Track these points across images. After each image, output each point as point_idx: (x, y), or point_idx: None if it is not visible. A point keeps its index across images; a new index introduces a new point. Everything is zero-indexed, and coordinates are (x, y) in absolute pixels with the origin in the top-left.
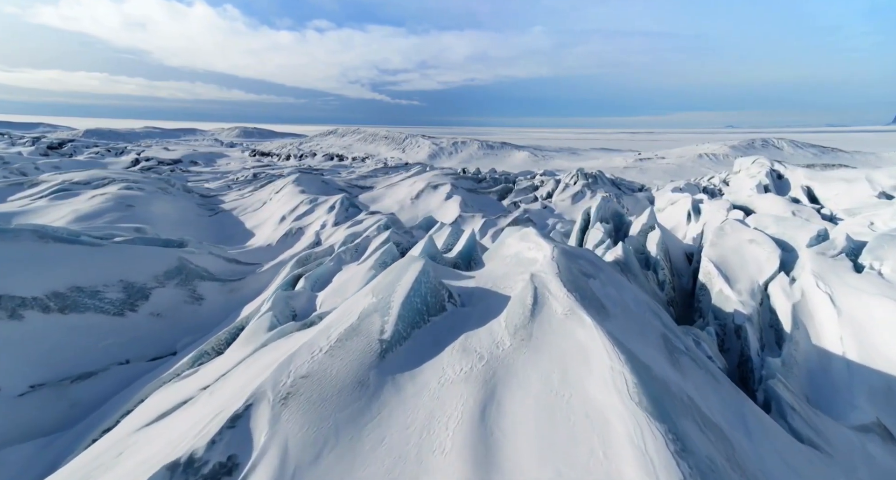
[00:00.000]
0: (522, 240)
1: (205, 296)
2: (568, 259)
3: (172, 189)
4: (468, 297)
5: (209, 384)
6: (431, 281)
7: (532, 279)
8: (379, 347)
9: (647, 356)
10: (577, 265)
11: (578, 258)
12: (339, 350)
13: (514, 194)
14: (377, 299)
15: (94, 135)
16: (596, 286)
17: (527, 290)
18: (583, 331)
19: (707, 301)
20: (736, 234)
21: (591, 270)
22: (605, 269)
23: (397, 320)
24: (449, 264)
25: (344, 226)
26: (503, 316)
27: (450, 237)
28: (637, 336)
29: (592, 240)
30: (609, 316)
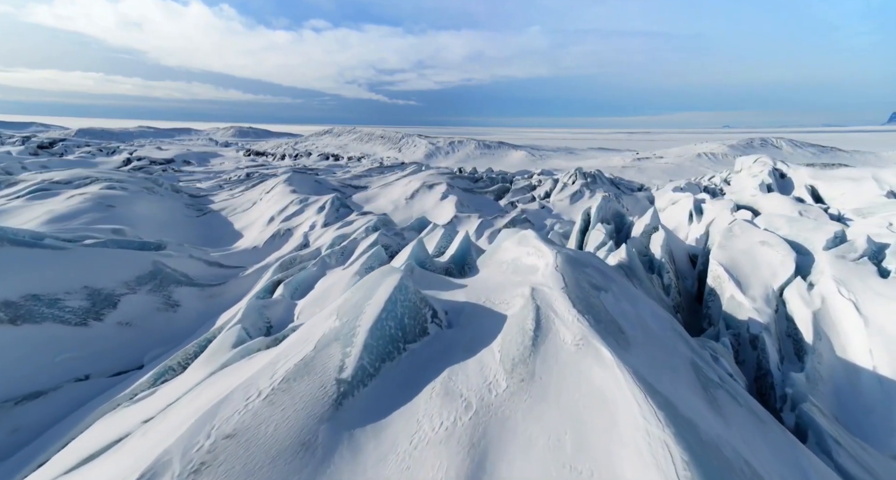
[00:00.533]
0: (521, 243)
1: (181, 303)
2: (574, 268)
3: (160, 189)
4: (456, 315)
5: (152, 416)
6: (411, 299)
7: (533, 295)
8: (335, 390)
9: (685, 402)
10: (584, 275)
11: (585, 266)
12: (283, 395)
13: (511, 194)
14: (340, 323)
15: (87, 134)
16: (609, 301)
17: (527, 310)
18: (602, 371)
19: (717, 307)
20: (746, 236)
21: (601, 281)
22: (616, 279)
23: (363, 352)
24: (441, 269)
25: (333, 226)
26: (498, 345)
27: (442, 239)
28: (666, 370)
29: (593, 241)
30: (630, 343)
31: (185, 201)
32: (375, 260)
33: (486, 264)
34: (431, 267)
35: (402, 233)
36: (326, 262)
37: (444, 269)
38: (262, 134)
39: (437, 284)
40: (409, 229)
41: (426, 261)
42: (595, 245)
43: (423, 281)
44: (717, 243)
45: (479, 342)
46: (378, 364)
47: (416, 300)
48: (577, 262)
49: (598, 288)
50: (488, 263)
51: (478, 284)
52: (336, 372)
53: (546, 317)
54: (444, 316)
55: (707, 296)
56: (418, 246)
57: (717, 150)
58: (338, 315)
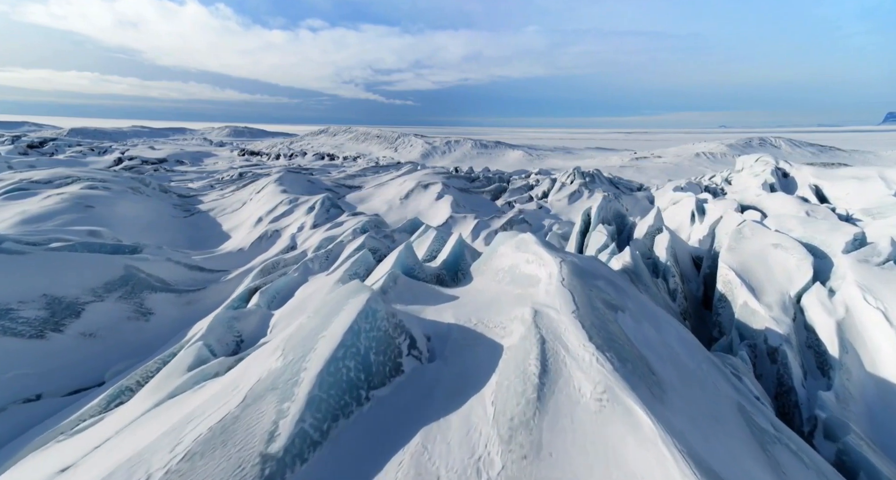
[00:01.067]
0: (519, 248)
1: (154, 311)
2: (583, 281)
3: (147, 188)
4: (441, 342)
5: (72, 464)
6: (380, 326)
7: (536, 321)
8: (257, 473)
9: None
10: (596, 290)
11: (595, 277)
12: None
13: (508, 194)
14: (283, 363)
15: (80, 133)
16: (628, 325)
17: (529, 343)
18: (638, 446)
19: (728, 314)
20: (758, 238)
21: (615, 297)
22: (630, 292)
23: (304, 410)
24: (431, 276)
25: (323, 228)
26: (491, 394)
27: (434, 242)
28: (712, 423)
29: (594, 243)
30: (664, 390)
31: (173, 201)
32: (361, 265)
33: (481, 271)
34: (421, 274)
35: (392, 236)
36: (309, 267)
37: (436, 276)
38: (257, 133)
39: (423, 296)
40: (401, 231)
41: (415, 268)
42: (596, 247)
43: (406, 293)
44: (726, 246)
45: (467, 385)
46: (327, 425)
47: (387, 328)
48: (585, 273)
49: (614, 307)
50: (483, 270)
51: (470, 298)
52: (263, 443)
53: (554, 355)
54: (424, 344)
55: (717, 303)
56: (405, 252)
57: (715, 150)
58: (283, 351)
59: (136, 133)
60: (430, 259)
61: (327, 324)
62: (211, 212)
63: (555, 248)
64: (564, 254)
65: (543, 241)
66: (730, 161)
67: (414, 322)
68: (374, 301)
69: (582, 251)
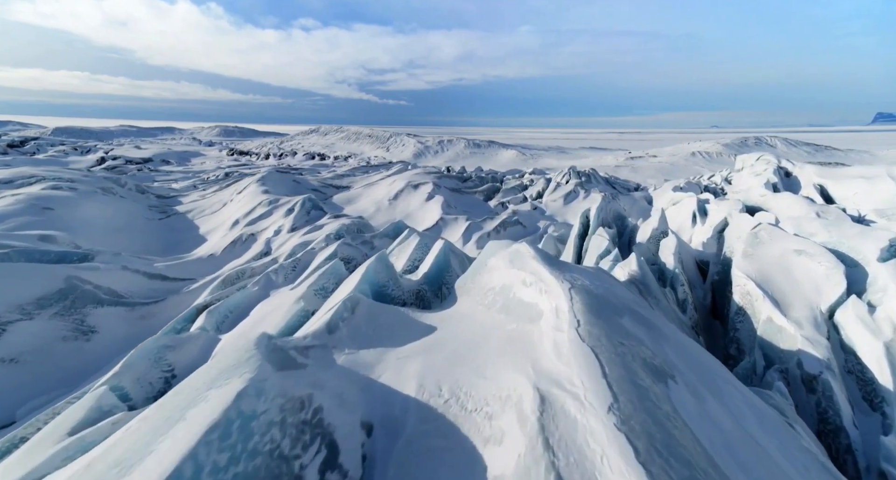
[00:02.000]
0: (514, 264)
1: (98, 328)
2: (606, 322)
3: (121, 189)
4: (388, 440)
5: None
6: (263, 440)
7: (542, 423)
8: None
9: None
10: (628, 341)
11: (618, 310)
12: None
13: (501, 194)
14: None
15: (65, 133)
16: (689, 409)
17: (533, 475)
18: None
19: (747, 330)
20: (777, 243)
21: (653, 348)
22: (665, 330)
23: None
24: (410, 292)
25: (301, 231)
26: None
27: (417, 250)
28: None
29: (595, 248)
30: None
31: (150, 202)
32: (330, 277)
33: (468, 289)
34: (395, 291)
35: (372, 241)
36: (271, 280)
37: (415, 293)
38: (247, 133)
39: (387, 332)
40: (383, 236)
41: (387, 285)
42: (597, 253)
43: (366, 326)
44: (741, 251)
45: None
46: None
47: (278, 439)
48: (604, 306)
49: (661, 373)
50: (470, 289)
51: (449, 332)
52: None
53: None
54: (355, 454)
55: (734, 316)
56: (375, 266)
57: (711, 149)
58: None
59: (124, 132)
60: (412, 269)
61: (154, 443)
62: (189, 213)
63: (556, 263)
64: (570, 273)
65: (542, 254)
66: (726, 160)
67: (349, 404)
68: (253, 392)
69: (581, 256)
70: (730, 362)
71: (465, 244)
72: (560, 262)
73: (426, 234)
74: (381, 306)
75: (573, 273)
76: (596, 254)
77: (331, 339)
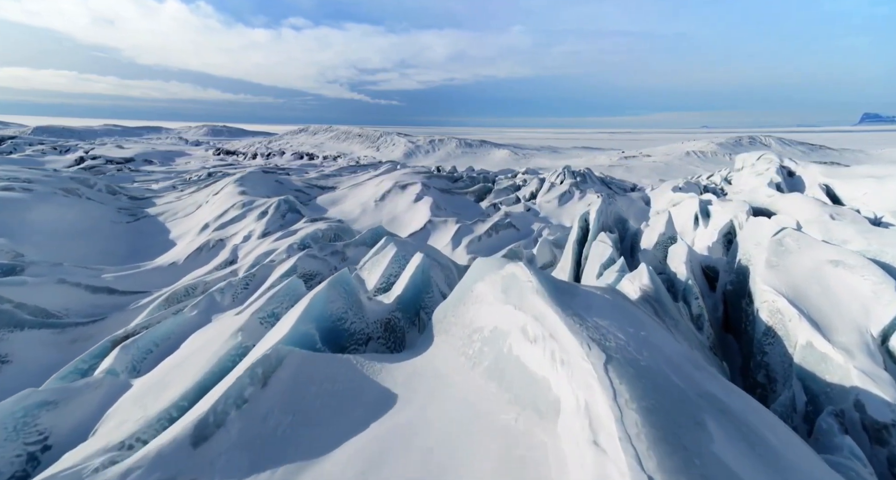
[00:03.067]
0: (508, 298)
1: (12, 357)
2: (687, 452)
3: (89, 190)
4: None
5: None
6: None
7: None
8: None
9: None
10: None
11: (699, 410)
12: None
13: (493, 195)
14: None
15: (46, 132)
16: None
17: None
18: None
19: (780, 355)
20: (807, 252)
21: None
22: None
23: None
24: (379, 321)
25: (272, 237)
26: None
27: (393, 264)
28: None
29: (597, 256)
30: None
31: (120, 204)
32: (284, 300)
33: (447, 327)
34: (358, 323)
35: (343, 251)
36: (215, 301)
37: (385, 323)
38: (236, 133)
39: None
40: (358, 244)
41: (347, 316)
42: (600, 262)
43: (285, 409)
44: (764, 261)
45: None
46: None
47: None
48: (674, 405)
49: None
50: (450, 325)
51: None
52: None
53: None
54: None
55: (761, 338)
56: (327, 294)
57: (705, 149)
58: None
59: (108, 132)
60: (386, 287)
61: None
62: (161, 216)
63: (567, 296)
64: (594, 320)
65: (547, 282)
66: (721, 160)
67: None
68: None
69: (580, 264)
70: (758, 391)
71: (454, 249)
72: (570, 289)
73: (407, 242)
74: (320, 362)
75: (594, 315)
76: (598, 263)
77: (195, 459)
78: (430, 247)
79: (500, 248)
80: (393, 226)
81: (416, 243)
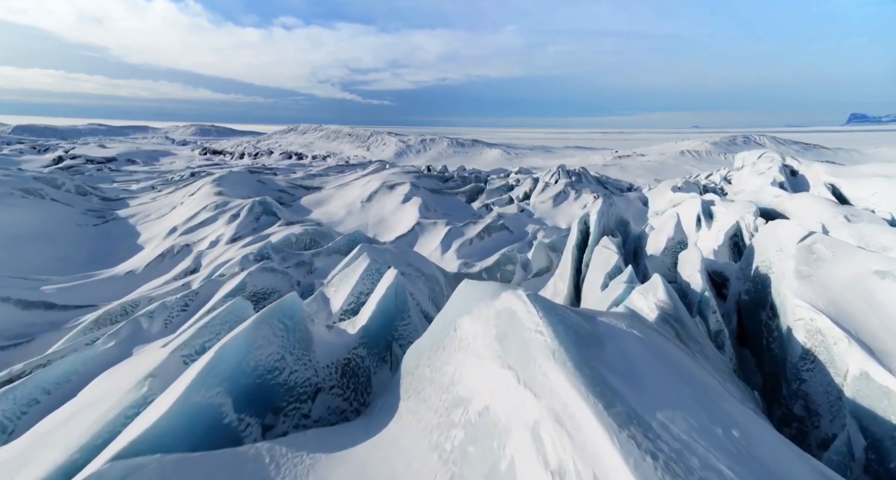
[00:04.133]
0: (507, 355)
1: None
2: None
3: (56, 190)
4: None
5: None
6: None
7: None
8: None
9: None
10: None
11: None
12: None
13: (485, 195)
14: None
15: (26, 131)
16: None
17: None
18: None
19: (822, 384)
20: (846, 261)
21: None
22: None
23: None
24: (334, 364)
25: (242, 242)
26: None
27: (364, 280)
28: None
29: (601, 264)
30: None
31: (90, 205)
32: (223, 329)
33: (417, 388)
34: (301, 372)
35: (311, 262)
36: (140, 329)
37: (341, 367)
38: (224, 132)
39: None
40: (331, 251)
41: (281, 366)
42: (605, 270)
43: None
44: (794, 270)
45: None
46: None
47: None
48: None
49: None
50: (422, 386)
51: None
52: None
53: None
54: None
55: (797, 362)
56: (247, 340)
57: (700, 148)
58: None
59: (92, 131)
60: (356, 307)
61: None
62: (132, 218)
63: (613, 384)
64: (674, 450)
65: (567, 336)
66: (716, 159)
67: None
68: None
69: (580, 272)
70: (794, 425)
71: (443, 253)
72: (594, 336)
73: (387, 250)
74: (196, 472)
75: (654, 402)
76: (603, 272)
77: None
78: (414, 255)
79: (492, 252)
80: (380, 228)
81: (398, 251)
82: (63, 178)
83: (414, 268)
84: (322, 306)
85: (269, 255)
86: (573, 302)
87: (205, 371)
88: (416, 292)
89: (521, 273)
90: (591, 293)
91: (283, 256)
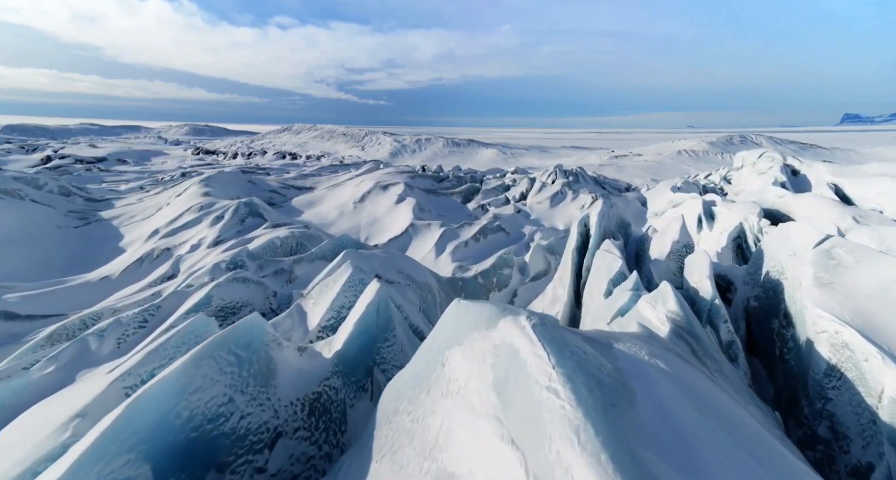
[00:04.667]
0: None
1: None
2: None
3: (36, 191)
4: None
5: None
6: None
7: None
8: None
9: None
10: None
11: None
12: None
13: (481, 195)
14: None
15: (16, 131)
16: None
17: None
18: None
19: (851, 406)
20: (871, 268)
21: None
22: None
23: None
24: (305, 391)
25: (225, 245)
26: None
27: (346, 292)
28: None
29: (604, 270)
30: None
31: (73, 206)
32: (178, 351)
33: (392, 443)
34: (258, 415)
35: (291, 269)
36: (88, 350)
37: (311, 400)
38: (218, 132)
39: None
40: (315, 257)
41: (228, 413)
42: (608, 277)
43: None
44: (812, 277)
45: None
46: None
47: None
48: None
49: None
50: (398, 440)
51: None
52: None
53: None
54: None
55: (822, 379)
56: (178, 385)
57: (697, 148)
58: None
59: (84, 130)
60: (337, 323)
61: None
62: (116, 219)
63: (644, 467)
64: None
65: (590, 395)
66: (713, 159)
67: None
68: None
69: (580, 276)
70: (818, 448)
71: (437, 256)
72: (620, 387)
73: (375, 255)
74: None
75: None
76: (606, 278)
77: None
78: (404, 261)
79: (488, 254)
80: (372, 230)
81: (386, 257)
82: (46, 178)
83: (404, 276)
84: (298, 322)
85: (244, 263)
86: (574, 308)
87: (104, 437)
88: (405, 303)
89: (518, 277)
90: (593, 300)
91: (259, 264)
